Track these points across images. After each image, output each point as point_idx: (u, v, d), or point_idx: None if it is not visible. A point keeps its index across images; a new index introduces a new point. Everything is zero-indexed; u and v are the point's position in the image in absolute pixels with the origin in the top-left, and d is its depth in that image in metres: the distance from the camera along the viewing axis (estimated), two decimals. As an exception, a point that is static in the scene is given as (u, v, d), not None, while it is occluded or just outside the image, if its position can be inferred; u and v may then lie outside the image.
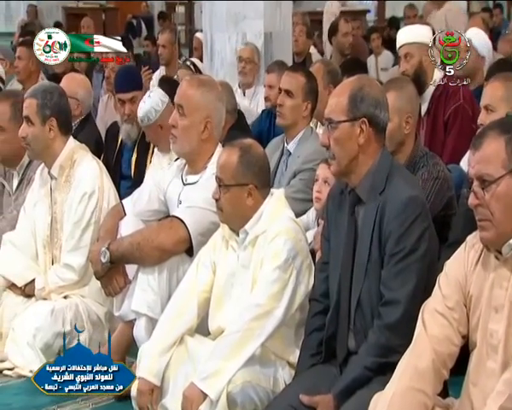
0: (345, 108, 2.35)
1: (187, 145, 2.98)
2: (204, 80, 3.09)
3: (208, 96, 2.98)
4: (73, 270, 3.29)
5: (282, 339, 2.63)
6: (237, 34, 5.41)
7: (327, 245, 2.50)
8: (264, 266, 2.59)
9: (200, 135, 2.97)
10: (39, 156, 3.40)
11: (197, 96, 2.97)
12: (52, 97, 3.34)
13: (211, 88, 3.03)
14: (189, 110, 2.96)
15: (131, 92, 4.16)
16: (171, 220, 2.94)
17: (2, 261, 3.37)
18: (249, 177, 2.64)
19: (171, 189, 3.06)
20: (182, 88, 3.03)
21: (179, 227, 2.89)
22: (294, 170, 3.54)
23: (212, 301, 2.71)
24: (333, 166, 2.40)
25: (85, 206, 3.30)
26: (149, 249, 2.89)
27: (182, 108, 2.97)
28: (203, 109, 2.96)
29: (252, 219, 2.65)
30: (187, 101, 2.97)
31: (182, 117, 2.97)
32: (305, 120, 3.64)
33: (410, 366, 2.04)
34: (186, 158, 3.04)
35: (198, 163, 3.00)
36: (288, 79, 3.66)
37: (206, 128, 2.97)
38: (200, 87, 2.98)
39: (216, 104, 3.01)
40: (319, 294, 2.49)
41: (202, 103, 2.96)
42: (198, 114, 2.96)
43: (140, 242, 2.92)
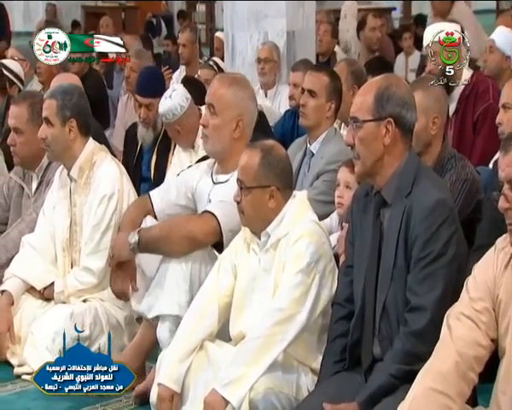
0: (370, 108, 2.35)
1: (218, 144, 2.98)
2: (236, 78, 3.10)
3: (240, 94, 2.98)
4: (93, 273, 3.31)
5: (305, 345, 2.63)
6: (259, 33, 5.41)
7: (351, 248, 2.50)
8: (287, 269, 2.59)
9: (231, 134, 2.98)
10: (59, 158, 3.42)
11: (228, 94, 2.97)
12: (72, 98, 3.36)
13: (242, 86, 3.03)
14: (220, 109, 2.96)
15: (149, 98, 4.19)
16: (202, 213, 2.96)
17: (21, 264, 3.39)
18: (271, 178, 2.65)
19: (201, 187, 3.07)
20: (213, 87, 3.03)
21: (210, 219, 2.90)
22: (317, 171, 3.54)
23: (233, 306, 2.71)
24: (357, 166, 2.40)
25: (105, 208, 3.31)
26: (179, 237, 2.89)
27: (213, 106, 2.98)
28: (234, 108, 2.97)
29: (274, 222, 2.65)
30: (218, 99, 2.97)
31: (213, 116, 2.98)
32: (328, 120, 3.63)
33: (431, 368, 2.03)
34: (217, 157, 3.05)
35: (229, 162, 3.00)
36: (311, 78, 3.66)
37: (237, 127, 2.98)
38: (232, 85, 2.99)
39: (247, 102, 3.01)
40: (343, 298, 2.49)
41: (234, 102, 2.96)
42: (229, 112, 2.96)
43: (170, 226, 2.92)
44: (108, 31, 8.66)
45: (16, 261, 3.40)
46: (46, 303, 3.35)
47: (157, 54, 7.99)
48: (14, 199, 3.74)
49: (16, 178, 3.74)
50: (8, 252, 3.52)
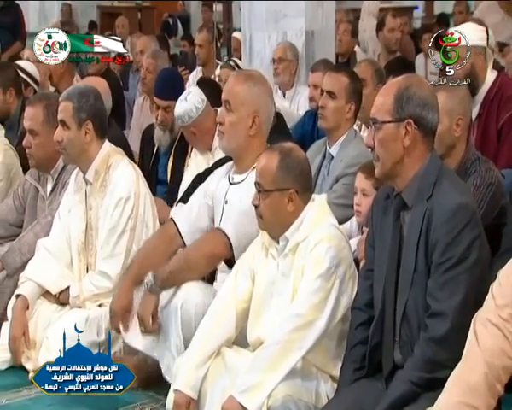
0: (390, 108, 2.35)
1: (234, 141, 2.99)
2: (252, 75, 3.11)
3: (255, 90, 2.99)
4: (109, 278, 3.32)
5: (324, 351, 2.63)
6: (277, 33, 5.40)
7: (371, 252, 2.50)
8: (306, 274, 2.59)
9: (247, 130, 2.98)
10: (75, 161, 3.44)
11: (244, 90, 2.98)
12: (88, 100, 3.38)
13: (259, 82, 3.04)
14: (235, 105, 2.97)
15: (168, 101, 4.19)
16: (213, 231, 2.98)
17: (36, 268, 3.41)
18: (290, 181, 2.65)
19: (219, 189, 3.09)
20: (229, 83, 3.05)
21: (222, 238, 2.92)
22: (337, 174, 3.53)
23: (251, 312, 2.72)
24: (377, 168, 2.40)
25: (121, 212, 3.32)
26: (197, 258, 2.92)
27: (228, 103, 2.99)
28: (250, 104, 2.97)
29: (292, 226, 2.66)
30: (233, 95, 2.98)
31: (229, 112, 2.98)
32: (348, 122, 3.63)
33: (460, 379, 2.02)
34: (233, 155, 3.05)
35: (245, 161, 3.01)
36: (331, 79, 3.66)
37: (253, 123, 2.98)
38: (248, 81, 3.00)
39: (264, 98, 3.01)
40: (363, 303, 2.49)
41: (249, 97, 2.97)
42: (245, 108, 2.97)
43: (186, 256, 2.94)
44: (124, 31, 8.72)
45: (31, 265, 3.43)
46: (61, 308, 3.37)
47: (173, 54, 8.01)
48: (30, 201, 3.76)
49: (31, 180, 3.77)
50: (23, 255, 3.54)
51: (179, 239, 3.11)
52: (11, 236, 3.75)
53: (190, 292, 2.90)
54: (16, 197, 3.82)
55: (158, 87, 4.40)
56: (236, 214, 2.95)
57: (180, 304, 2.87)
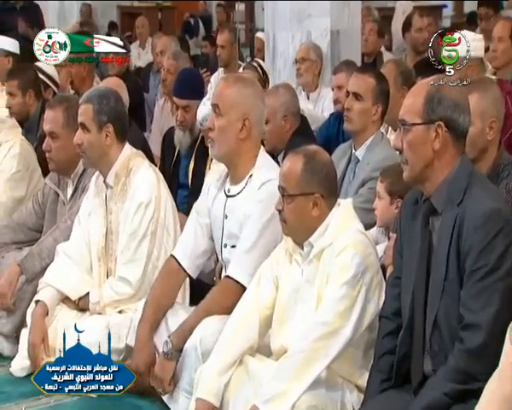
0: (420, 110, 2.34)
1: (224, 147, 2.96)
2: (240, 77, 3.10)
3: (244, 92, 2.96)
4: (129, 283, 3.32)
5: (350, 361, 2.62)
6: (301, 33, 5.39)
7: (399, 259, 2.48)
8: (331, 281, 2.58)
9: (237, 134, 2.95)
10: (95, 164, 3.45)
11: (233, 92, 2.95)
12: (108, 102, 3.39)
13: (248, 84, 3.01)
14: (224, 108, 2.95)
15: (186, 100, 4.22)
16: (224, 280, 2.95)
17: (55, 274, 3.42)
18: (314, 185, 2.65)
19: (216, 204, 3.06)
20: (218, 87, 3.04)
21: (234, 287, 2.91)
22: (363, 178, 3.52)
23: (275, 319, 2.72)
24: (405, 171, 2.38)
25: (142, 216, 3.32)
26: (212, 313, 2.89)
27: (218, 107, 2.96)
28: (239, 106, 2.95)
29: (317, 231, 2.65)
30: (222, 99, 2.96)
31: (218, 117, 2.96)
32: (374, 124, 3.62)
33: (496, 392, 2.00)
34: (225, 162, 3.03)
35: (239, 168, 2.99)
36: (356, 80, 3.65)
37: (244, 126, 2.95)
38: (237, 84, 2.98)
39: (254, 101, 2.99)
40: (391, 312, 2.47)
41: (238, 100, 2.95)
42: (234, 111, 2.94)
43: (202, 310, 2.91)
44: (144, 31, 8.77)
45: (51, 271, 3.44)
46: (81, 314, 3.38)
47: (195, 55, 8.03)
48: (49, 206, 3.78)
49: (51, 184, 3.79)
50: (42, 260, 3.56)
51: (183, 273, 3.13)
52: (30, 240, 3.78)
53: (207, 326, 2.86)
54: (36, 202, 3.84)
55: (177, 86, 4.42)
56: (246, 248, 2.91)
57: (199, 340, 2.84)
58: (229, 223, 3.02)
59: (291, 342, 2.59)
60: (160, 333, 3.07)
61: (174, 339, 2.89)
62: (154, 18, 11.25)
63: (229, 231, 3.02)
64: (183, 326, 2.92)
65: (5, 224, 3.87)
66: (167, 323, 3.09)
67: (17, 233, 3.83)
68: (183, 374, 2.89)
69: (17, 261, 3.59)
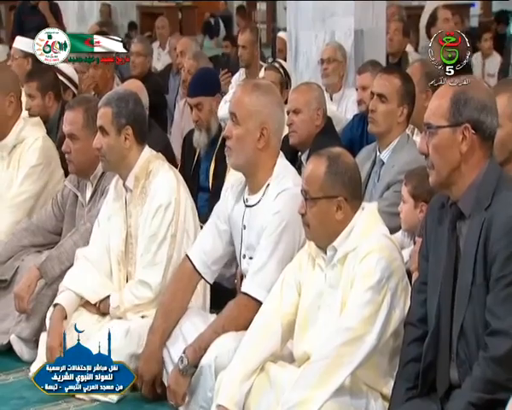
0: (446, 112, 2.33)
1: (242, 156, 2.96)
2: (258, 84, 3.09)
3: (263, 100, 2.96)
4: (149, 287, 3.32)
5: (375, 368, 2.61)
6: (324, 33, 5.39)
7: (425, 264, 2.47)
8: (355, 286, 2.58)
9: (255, 143, 2.95)
10: (114, 168, 3.45)
11: (251, 101, 2.95)
12: (127, 105, 3.41)
13: (266, 92, 3.01)
14: (242, 117, 2.95)
15: (197, 98, 4.23)
16: (243, 298, 2.94)
17: (75, 278, 3.43)
18: (338, 188, 2.64)
19: (234, 213, 3.07)
20: (235, 95, 3.04)
21: (249, 303, 2.91)
22: (388, 181, 3.52)
23: (297, 325, 2.72)
24: (432, 176, 2.38)
25: (161, 219, 3.32)
26: (230, 330, 2.89)
27: (235, 115, 2.96)
28: (258, 115, 2.95)
29: (341, 235, 2.65)
30: (240, 107, 2.96)
31: (236, 126, 2.96)
32: (400, 126, 3.61)
33: None
34: (243, 172, 3.02)
35: (257, 178, 2.99)
36: (381, 81, 3.64)
37: (262, 135, 2.95)
38: (254, 91, 2.97)
39: (272, 108, 2.98)
40: (416, 318, 2.46)
41: (256, 109, 2.95)
42: (252, 120, 2.95)
43: (220, 327, 2.91)
44: (164, 32, 8.81)
45: (70, 275, 3.46)
46: (102, 318, 3.39)
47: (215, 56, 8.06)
48: (68, 208, 3.80)
49: (71, 186, 3.81)
50: (61, 264, 3.58)
51: (197, 276, 3.13)
52: (50, 243, 3.80)
53: (223, 344, 2.85)
54: (55, 204, 3.86)
55: (189, 86, 4.45)
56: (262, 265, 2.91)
57: (214, 358, 2.84)
58: (248, 234, 3.03)
59: (314, 348, 2.59)
60: (174, 339, 3.08)
61: (190, 355, 2.89)
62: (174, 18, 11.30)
63: (248, 242, 3.03)
64: (199, 342, 2.91)
65: (24, 227, 3.89)
66: (182, 329, 3.09)
67: (36, 236, 3.85)
68: (199, 391, 2.89)
69: (36, 265, 3.61)
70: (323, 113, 4.11)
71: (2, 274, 3.79)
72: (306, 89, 4.15)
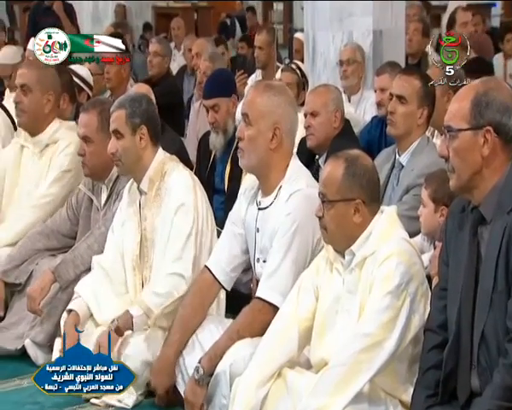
0: (467, 115, 2.32)
1: (254, 157, 2.97)
2: (270, 84, 3.10)
3: (275, 100, 2.97)
4: (183, 277, 3.23)
5: (394, 375, 2.60)
6: (342, 33, 5.38)
7: (445, 269, 2.47)
8: (374, 291, 2.58)
9: (268, 144, 2.96)
10: (130, 170, 3.45)
11: (263, 101, 2.96)
12: (140, 105, 3.42)
13: (278, 92, 3.01)
14: (254, 117, 2.96)
15: (213, 99, 4.23)
16: (257, 303, 2.93)
17: (89, 289, 3.39)
18: (356, 191, 2.64)
19: (248, 216, 3.07)
20: (247, 95, 3.05)
21: (264, 307, 2.90)
22: (407, 184, 3.51)
23: (315, 330, 2.71)
24: (452, 180, 2.37)
25: (184, 216, 3.29)
26: (246, 336, 2.88)
27: (247, 116, 2.97)
28: (270, 115, 2.95)
29: (359, 239, 2.65)
30: (252, 108, 2.97)
31: (248, 126, 2.97)
32: (420, 128, 3.60)
33: None
34: (256, 173, 3.03)
35: (270, 180, 2.99)
36: (401, 83, 3.64)
37: (274, 136, 2.96)
38: (266, 91, 2.98)
39: (285, 109, 2.99)
40: (436, 325, 2.46)
41: (268, 109, 2.95)
42: (264, 120, 2.96)
43: (235, 332, 2.90)
44: (180, 33, 8.84)
45: (86, 284, 3.43)
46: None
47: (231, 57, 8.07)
48: (83, 212, 3.82)
49: (85, 190, 3.83)
50: (76, 267, 3.59)
51: (217, 286, 3.13)
52: (64, 247, 3.82)
53: (238, 350, 2.84)
54: (70, 207, 3.88)
55: (204, 87, 4.45)
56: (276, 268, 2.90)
57: (229, 365, 2.83)
58: (261, 237, 3.03)
59: (332, 354, 2.59)
60: (191, 348, 3.08)
61: (205, 364, 2.89)
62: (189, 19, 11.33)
63: (262, 245, 3.03)
64: (214, 350, 2.91)
65: (39, 230, 3.91)
66: (198, 337, 3.09)
67: (51, 240, 3.87)
68: (214, 398, 2.88)
69: (51, 268, 3.62)
70: (341, 115, 4.11)
71: (16, 278, 3.82)
72: (324, 91, 4.16)
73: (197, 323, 3.11)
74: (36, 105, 4.09)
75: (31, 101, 4.10)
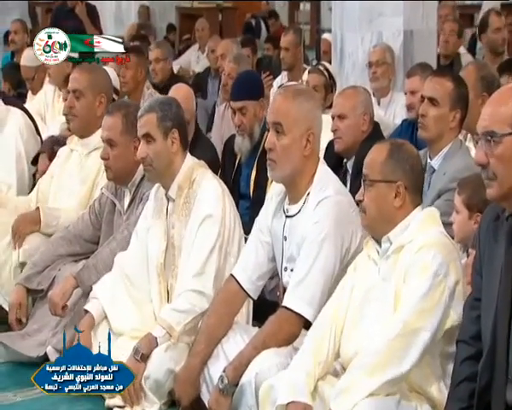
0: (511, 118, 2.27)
1: (289, 167, 2.96)
2: (299, 89, 3.10)
3: (306, 105, 2.97)
4: (204, 296, 3.24)
5: (426, 369, 2.58)
6: (371, 34, 5.36)
7: (478, 279, 2.44)
8: (409, 279, 2.56)
9: (302, 151, 2.96)
10: (160, 176, 3.42)
11: (295, 107, 2.95)
12: (171, 108, 3.42)
13: (308, 96, 3.02)
14: (288, 126, 2.94)
15: (241, 101, 4.22)
16: (283, 312, 2.91)
17: (108, 294, 3.41)
18: (398, 174, 2.65)
19: (275, 224, 3.06)
20: (276, 103, 3.02)
21: (291, 318, 2.90)
22: (439, 189, 3.48)
23: (346, 324, 2.70)
24: (492, 188, 2.30)
25: (209, 229, 3.29)
26: (271, 346, 2.87)
27: (280, 125, 2.95)
28: (303, 121, 2.95)
29: (397, 228, 2.64)
30: (284, 115, 2.95)
31: (280, 136, 2.95)
32: (452, 131, 3.57)
33: None
34: (286, 183, 3.02)
35: (298, 187, 2.99)
36: (432, 85, 3.61)
37: (308, 142, 2.96)
38: (297, 97, 2.98)
39: (316, 113, 3.01)
40: (469, 336, 2.43)
41: (301, 115, 2.95)
42: (298, 128, 2.95)
43: (260, 342, 2.90)
44: (204, 34, 8.85)
45: (106, 288, 3.44)
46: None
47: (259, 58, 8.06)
48: (106, 216, 3.83)
49: (108, 193, 3.84)
50: (99, 273, 3.59)
51: (243, 295, 3.13)
52: (87, 252, 3.84)
53: (264, 360, 2.83)
54: (92, 212, 3.89)
55: (231, 89, 4.44)
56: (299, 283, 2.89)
57: (255, 375, 2.82)
58: (289, 245, 3.02)
59: (365, 343, 2.56)
60: (215, 358, 3.07)
61: (230, 374, 2.89)
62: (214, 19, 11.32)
63: (289, 253, 3.02)
64: (239, 359, 2.90)
65: (61, 235, 3.93)
66: (222, 347, 3.09)
67: (73, 245, 3.89)
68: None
69: (73, 274, 3.64)
70: (370, 118, 4.09)
71: (38, 284, 3.83)
72: (352, 93, 4.13)
73: (223, 332, 3.09)
74: (88, 109, 4.15)
75: (82, 105, 4.14)
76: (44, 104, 5.66)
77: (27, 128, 4.82)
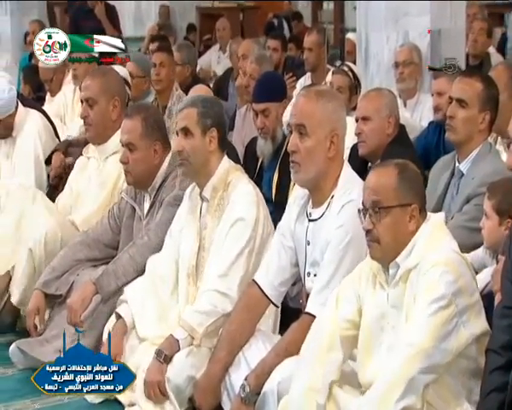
0: None
1: (313, 170, 2.96)
2: (322, 91, 3.10)
3: (330, 106, 2.98)
4: (227, 297, 3.24)
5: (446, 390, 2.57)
6: (397, 33, 5.34)
7: (509, 286, 2.44)
8: (418, 300, 2.55)
9: (326, 153, 2.96)
10: (195, 173, 3.43)
11: (318, 109, 2.96)
12: (213, 106, 3.44)
13: (331, 97, 3.03)
14: (312, 128, 2.95)
15: (264, 103, 4.24)
16: (306, 318, 2.91)
17: (138, 301, 3.43)
18: (412, 195, 2.63)
19: (298, 228, 3.06)
20: (299, 105, 3.02)
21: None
22: (468, 194, 3.46)
23: (360, 347, 2.69)
24: None
25: (240, 233, 3.29)
26: (294, 352, 2.85)
27: (303, 127, 2.96)
28: (327, 123, 2.96)
29: (404, 250, 2.62)
30: (308, 117, 2.96)
31: (304, 138, 2.96)
32: (481, 134, 3.55)
33: None
34: (310, 185, 3.02)
35: (322, 190, 2.99)
36: (461, 85, 3.59)
37: (332, 144, 2.96)
38: (320, 99, 2.98)
39: (340, 114, 3.01)
40: (499, 345, 2.43)
41: (325, 116, 2.96)
42: (322, 129, 2.95)
43: (282, 349, 2.90)
44: (225, 34, 8.87)
45: (137, 292, 3.45)
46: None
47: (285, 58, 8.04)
48: (125, 221, 3.85)
49: (128, 198, 3.85)
50: (118, 279, 3.61)
51: (265, 301, 3.13)
52: (106, 258, 3.85)
53: (286, 368, 2.83)
54: (111, 217, 3.90)
55: (254, 91, 4.45)
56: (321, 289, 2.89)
57: (277, 383, 2.82)
58: (312, 250, 3.02)
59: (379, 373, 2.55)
60: (237, 366, 3.08)
61: (252, 382, 2.89)
62: (235, 19, 11.36)
63: (312, 258, 3.02)
64: (261, 367, 2.91)
65: (79, 240, 3.94)
66: (244, 354, 3.09)
67: (92, 250, 3.90)
68: None
69: (92, 279, 3.65)
70: (395, 120, 4.07)
71: (57, 289, 3.85)
72: (376, 95, 4.13)
73: (244, 339, 3.10)
74: (102, 116, 4.17)
75: (96, 112, 4.16)
76: (64, 105, 5.70)
77: (46, 130, 4.86)
